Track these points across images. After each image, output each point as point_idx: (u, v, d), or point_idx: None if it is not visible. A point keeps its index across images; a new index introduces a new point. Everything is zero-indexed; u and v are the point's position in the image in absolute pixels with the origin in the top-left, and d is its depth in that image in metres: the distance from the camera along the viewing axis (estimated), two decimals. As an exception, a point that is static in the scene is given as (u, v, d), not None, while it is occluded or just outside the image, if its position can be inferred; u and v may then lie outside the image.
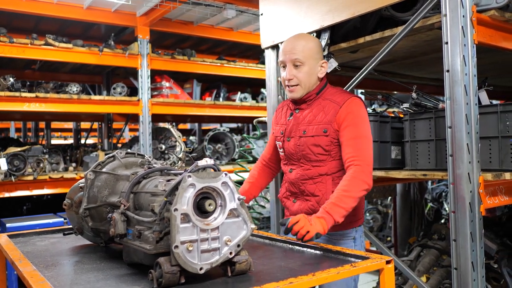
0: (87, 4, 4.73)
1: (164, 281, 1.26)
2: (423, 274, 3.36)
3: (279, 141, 2.23)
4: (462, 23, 2.12)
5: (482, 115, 2.35)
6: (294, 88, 2.11)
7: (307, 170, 2.12)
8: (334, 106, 2.08)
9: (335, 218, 1.85)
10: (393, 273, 1.53)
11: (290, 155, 2.17)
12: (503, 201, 2.33)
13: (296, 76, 2.09)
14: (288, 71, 2.10)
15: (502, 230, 3.76)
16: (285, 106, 2.30)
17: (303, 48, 2.10)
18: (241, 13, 5.19)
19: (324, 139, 2.07)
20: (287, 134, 2.18)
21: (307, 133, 2.10)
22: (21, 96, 4.43)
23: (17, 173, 4.32)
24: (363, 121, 2.06)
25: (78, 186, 1.85)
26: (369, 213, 7.68)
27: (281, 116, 2.28)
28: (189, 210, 1.28)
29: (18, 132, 10.42)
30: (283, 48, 2.14)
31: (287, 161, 2.21)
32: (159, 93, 5.62)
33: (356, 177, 1.95)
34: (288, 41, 2.15)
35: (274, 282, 1.29)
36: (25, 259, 1.62)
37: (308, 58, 2.10)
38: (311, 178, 2.11)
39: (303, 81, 2.10)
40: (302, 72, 2.09)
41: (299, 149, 2.12)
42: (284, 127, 2.21)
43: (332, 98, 2.12)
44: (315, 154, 2.09)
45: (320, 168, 2.10)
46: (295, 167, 2.16)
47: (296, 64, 2.09)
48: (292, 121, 2.18)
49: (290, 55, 2.09)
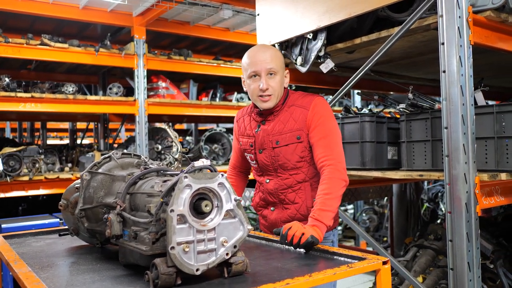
0: (83, 4, 4.71)
1: (160, 282, 1.25)
2: (419, 275, 3.37)
3: (250, 154, 2.20)
4: (458, 24, 2.12)
5: (478, 115, 2.36)
6: (269, 98, 2.06)
7: (285, 179, 2.10)
8: (303, 111, 2.07)
9: (326, 223, 1.87)
10: (389, 274, 1.53)
11: (265, 166, 2.14)
12: (499, 201, 2.34)
13: (271, 86, 2.05)
14: (264, 81, 2.03)
15: (498, 230, 3.77)
16: (247, 117, 2.25)
17: (275, 57, 2.08)
18: (237, 13, 5.19)
19: (299, 146, 2.06)
20: (258, 147, 2.14)
21: (280, 143, 2.07)
22: (17, 96, 4.41)
23: (13, 174, 4.30)
24: (330, 119, 2.06)
25: (74, 187, 1.85)
26: (365, 213, 7.69)
27: (246, 128, 2.23)
28: (185, 211, 1.27)
29: (13, 132, 10.38)
30: (254, 59, 2.07)
31: (261, 172, 2.18)
32: (155, 93, 5.61)
33: (332, 177, 1.95)
34: (257, 51, 2.10)
35: (270, 283, 1.29)
36: (20, 260, 1.62)
37: (279, 67, 2.08)
38: (290, 187, 2.10)
39: (277, 90, 2.07)
40: (275, 81, 2.06)
41: (274, 160, 2.10)
42: (252, 139, 2.17)
43: (297, 104, 2.10)
44: (292, 162, 2.07)
45: (298, 176, 2.09)
46: (272, 177, 2.14)
47: (271, 73, 2.05)
48: (260, 133, 2.13)
49: (265, 64, 2.04)
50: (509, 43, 2.46)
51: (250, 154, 2.20)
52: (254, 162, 2.19)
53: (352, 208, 8.22)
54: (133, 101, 5.12)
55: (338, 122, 3.07)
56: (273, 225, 2.17)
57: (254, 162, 2.19)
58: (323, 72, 3.02)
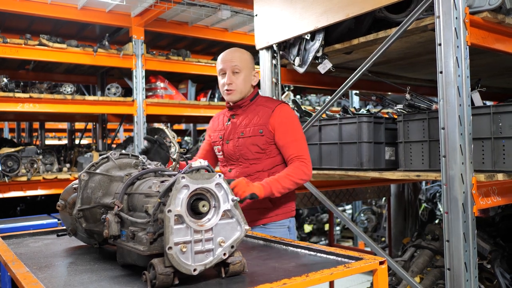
0: (81, 4, 4.71)
1: (157, 282, 1.25)
2: (416, 275, 3.37)
3: (218, 145, 2.48)
4: (455, 25, 2.13)
5: (475, 116, 2.37)
6: (232, 92, 2.39)
7: (245, 168, 2.38)
8: (267, 110, 2.38)
9: (272, 190, 2.17)
10: (386, 274, 1.54)
11: (229, 156, 2.42)
12: (496, 201, 2.34)
13: (234, 82, 2.38)
14: (228, 77, 2.38)
15: (495, 230, 3.78)
16: (221, 115, 2.57)
17: (240, 58, 2.41)
18: (236, 13, 5.19)
19: (260, 139, 2.34)
20: (225, 138, 2.44)
21: (245, 134, 2.38)
22: (15, 96, 4.41)
23: (11, 174, 4.29)
24: (298, 124, 2.40)
25: (72, 187, 1.85)
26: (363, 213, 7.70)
27: (218, 124, 2.53)
28: (182, 211, 1.28)
29: (12, 132, 10.36)
30: (222, 58, 2.42)
31: (226, 162, 2.47)
32: (153, 94, 5.61)
33: (298, 167, 2.27)
34: (226, 53, 2.45)
35: (268, 283, 1.29)
36: (18, 261, 1.62)
37: (244, 67, 2.40)
38: (249, 175, 2.36)
39: (239, 86, 2.39)
40: (239, 78, 2.39)
41: (237, 149, 2.39)
42: (222, 132, 2.47)
43: (264, 104, 2.42)
44: (253, 152, 2.36)
45: (257, 166, 2.37)
46: (234, 166, 2.42)
47: (235, 71, 2.38)
48: (230, 126, 2.44)
49: (230, 63, 2.39)
50: (506, 44, 2.47)
51: (218, 145, 2.48)
52: (221, 153, 2.47)
53: (350, 208, 8.24)
54: (132, 101, 5.12)
55: (336, 122, 3.09)
56: None
57: (220, 153, 2.48)
58: (321, 72, 3.03)
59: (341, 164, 3.04)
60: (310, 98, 7.49)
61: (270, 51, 3.31)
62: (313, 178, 3.19)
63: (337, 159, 3.06)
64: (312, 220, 7.85)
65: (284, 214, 2.42)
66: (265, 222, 2.40)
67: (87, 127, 7.88)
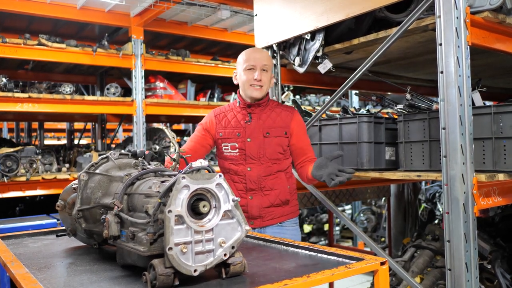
0: (80, 4, 4.71)
1: (158, 283, 1.25)
2: (417, 275, 3.37)
3: (234, 143, 2.49)
4: (456, 25, 2.12)
5: (476, 116, 2.36)
6: (260, 89, 2.47)
7: (267, 167, 2.46)
8: (288, 114, 2.53)
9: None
10: (387, 274, 1.53)
11: (251, 153, 2.46)
12: (496, 202, 2.34)
13: (262, 79, 2.46)
14: (258, 73, 2.45)
15: (496, 230, 3.78)
16: (229, 112, 2.57)
17: (268, 58, 2.54)
18: (235, 13, 5.19)
19: (285, 140, 2.48)
20: (247, 136, 2.47)
21: (271, 134, 2.47)
22: (14, 96, 4.40)
23: (10, 174, 4.28)
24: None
25: (71, 187, 1.84)
26: (363, 213, 7.71)
27: (230, 121, 2.54)
28: (183, 212, 1.27)
29: (11, 132, 10.34)
30: (252, 55, 2.50)
31: (243, 160, 2.47)
32: (153, 94, 5.60)
33: None
34: (255, 50, 2.57)
35: (268, 284, 1.28)
36: (17, 261, 1.61)
37: (270, 67, 2.53)
38: (271, 174, 2.46)
39: (266, 84, 2.49)
40: (267, 76, 2.49)
41: (262, 148, 2.45)
42: (239, 129, 2.50)
43: (281, 107, 2.56)
44: (276, 152, 2.46)
45: (277, 166, 2.48)
46: (254, 165, 2.46)
47: (264, 69, 2.47)
48: (252, 124, 2.49)
49: (261, 60, 2.47)
50: (506, 44, 2.46)
51: (234, 143, 2.49)
52: (237, 151, 2.48)
53: (350, 208, 8.23)
54: (131, 101, 5.11)
55: (336, 122, 3.08)
56: (254, 212, 2.46)
57: (236, 150, 2.48)
58: (321, 72, 3.03)
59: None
60: (309, 98, 7.49)
61: (270, 51, 3.30)
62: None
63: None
64: (311, 220, 7.85)
65: (295, 212, 2.59)
66: (282, 220, 2.52)
67: (86, 127, 7.86)
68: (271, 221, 2.48)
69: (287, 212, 2.52)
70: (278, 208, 2.49)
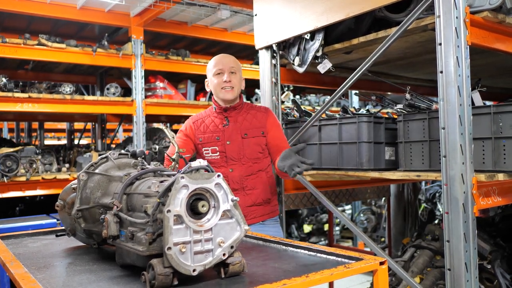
0: (80, 4, 4.70)
1: (157, 283, 1.25)
2: (416, 275, 3.37)
3: (214, 146, 2.57)
4: (456, 25, 2.12)
5: (476, 116, 2.36)
6: (231, 90, 2.56)
7: (248, 167, 2.54)
8: (263, 114, 2.62)
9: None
10: (386, 274, 1.53)
11: (232, 155, 2.55)
12: (496, 202, 2.34)
13: (232, 80, 2.55)
14: (227, 75, 2.55)
15: (496, 230, 3.77)
16: (207, 118, 2.67)
17: (235, 61, 2.64)
18: (235, 13, 5.19)
19: (262, 140, 2.57)
20: (226, 138, 2.56)
21: (248, 135, 2.55)
22: (14, 96, 4.40)
23: (10, 174, 4.28)
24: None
25: (71, 187, 1.84)
26: (363, 213, 7.70)
27: (208, 126, 2.62)
28: (182, 212, 1.27)
29: (11, 132, 10.35)
30: (218, 60, 2.61)
31: (225, 162, 2.56)
32: (153, 94, 5.60)
33: None
34: (221, 56, 2.65)
35: (267, 283, 1.28)
36: (16, 261, 1.61)
37: (238, 69, 2.61)
38: (252, 173, 2.54)
39: (237, 85, 2.58)
40: (236, 78, 2.58)
41: (241, 149, 2.54)
42: (219, 133, 2.58)
43: (255, 108, 2.65)
44: (256, 152, 2.55)
45: (258, 165, 2.56)
46: (236, 166, 2.54)
47: (232, 71, 2.57)
48: (230, 127, 2.58)
49: (228, 63, 2.58)
50: (506, 44, 2.46)
51: (214, 146, 2.57)
52: (217, 154, 2.56)
53: (350, 208, 8.23)
54: (131, 101, 5.11)
55: (335, 122, 3.08)
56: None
57: (217, 154, 2.56)
58: (320, 72, 3.03)
59: (341, 164, 3.04)
60: (309, 98, 7.49)
61: (269, 50, 3.30)
62: (313, 178, 3.19)
63: (337, 159, 3.06)
64: (311, 220, 7.85)
65: (276, 211, 2.69)
66: (264, 219, 2.60)
67: (86, 127, 7.86)
68: (253, 219, 2.55)
69: (268, 211, 2.62)
70: (260, 207, 2.57)
